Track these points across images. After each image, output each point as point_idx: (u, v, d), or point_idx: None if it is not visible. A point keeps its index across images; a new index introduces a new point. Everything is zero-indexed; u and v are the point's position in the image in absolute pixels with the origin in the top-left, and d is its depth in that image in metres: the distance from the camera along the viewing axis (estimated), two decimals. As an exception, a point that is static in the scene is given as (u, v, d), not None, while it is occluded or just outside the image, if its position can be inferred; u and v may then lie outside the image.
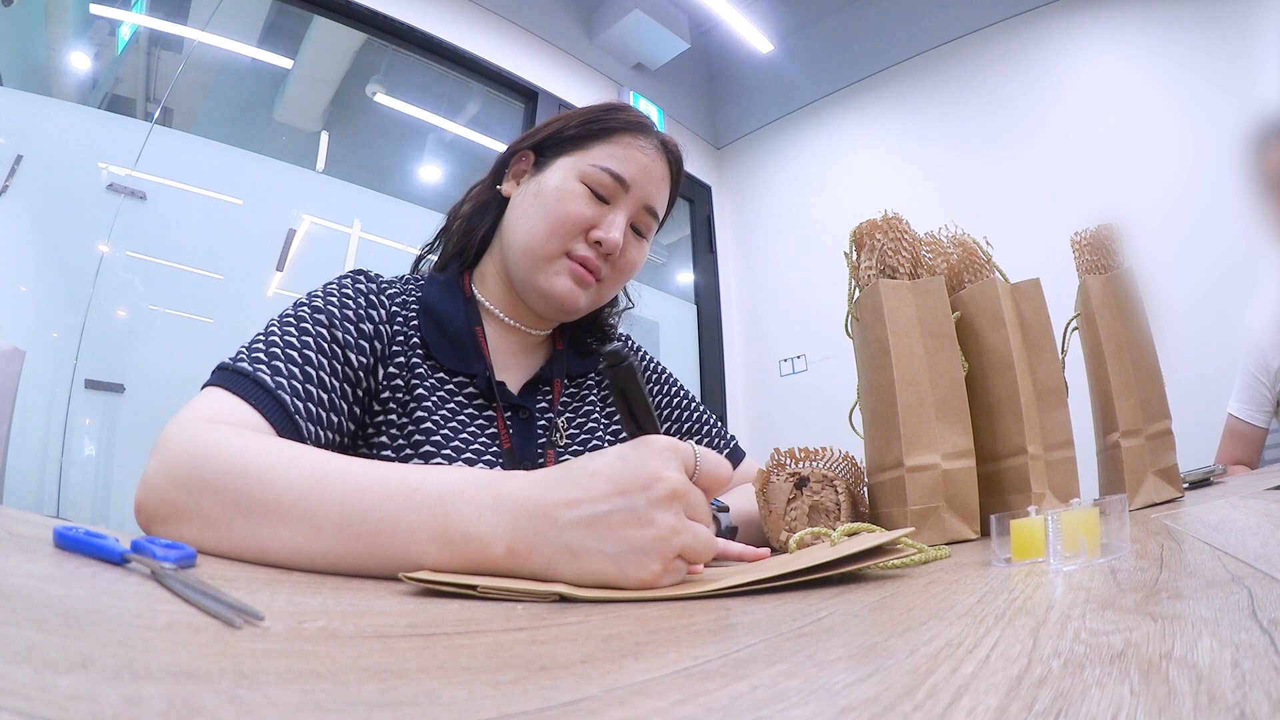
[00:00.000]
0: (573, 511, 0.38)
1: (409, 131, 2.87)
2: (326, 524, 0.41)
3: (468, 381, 0.72)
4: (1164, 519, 0.65)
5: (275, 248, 2.17)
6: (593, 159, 0.74)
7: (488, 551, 0.38)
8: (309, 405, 0.59)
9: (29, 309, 1.77)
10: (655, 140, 0.78)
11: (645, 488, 0.38)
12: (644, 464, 0.39)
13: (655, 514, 0.38)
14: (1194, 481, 1.04)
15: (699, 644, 0.25)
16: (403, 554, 0.40)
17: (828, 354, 3.28)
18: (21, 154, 1.76)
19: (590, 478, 0.39)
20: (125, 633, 0.22)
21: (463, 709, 0.17)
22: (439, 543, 0.39)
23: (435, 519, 0.39)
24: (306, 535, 0.41)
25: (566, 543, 0.38)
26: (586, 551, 0.38)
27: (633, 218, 0.76)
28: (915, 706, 0.17)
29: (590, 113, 0.77)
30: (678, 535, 0.39)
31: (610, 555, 0.38)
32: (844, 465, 0.75)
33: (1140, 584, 0.33)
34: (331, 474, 0.43)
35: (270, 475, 0.43)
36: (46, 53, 2.06)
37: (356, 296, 0.69)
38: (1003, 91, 2.97)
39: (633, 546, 0.38)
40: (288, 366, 0.59)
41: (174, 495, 0.44)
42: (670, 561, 0.39)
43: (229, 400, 0.55)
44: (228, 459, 0.45)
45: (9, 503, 1.37)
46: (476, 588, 0.36)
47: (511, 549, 0.38)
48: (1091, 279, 0.89)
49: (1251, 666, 0.19)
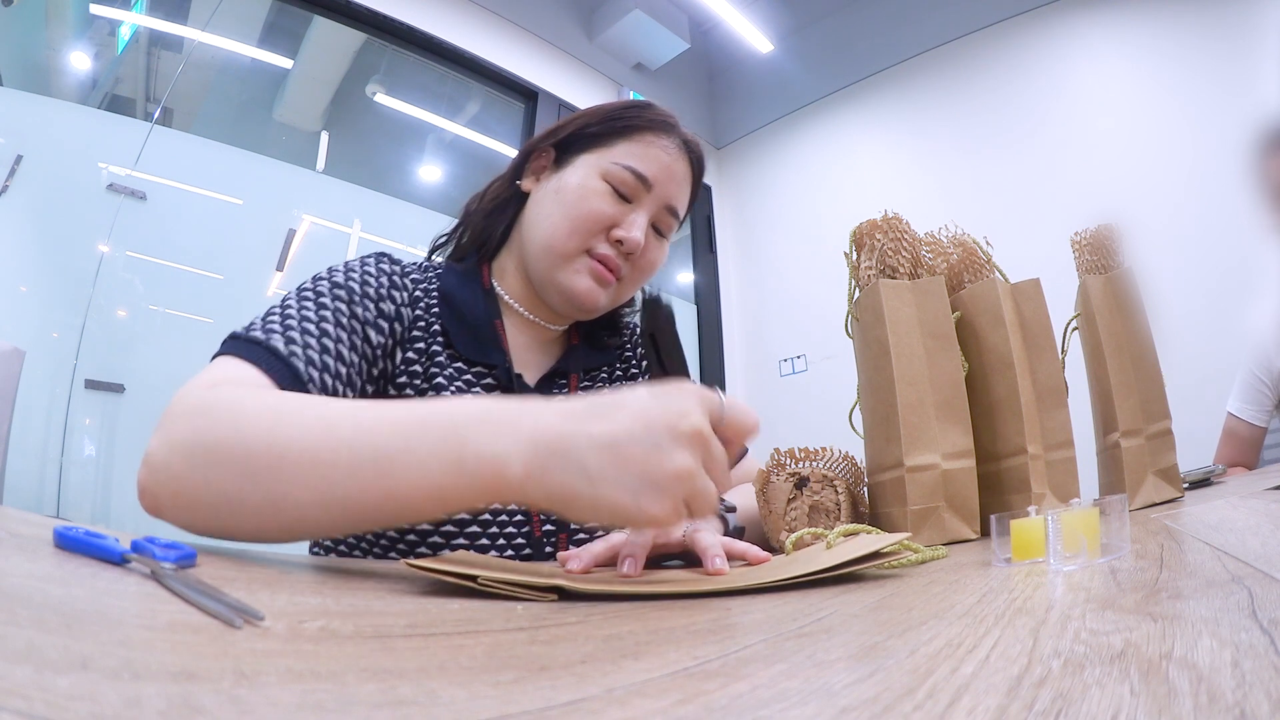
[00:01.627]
0: (595, 439, 0.37)
1: (409, 131, 2.87)
2: (336, 471, 0.39)
3: (486, 372, 0.72)
4: (1164, 519, 0.65)
5: (275, 248, 2.17)
6: (615, 157, 0.73)
7: (504, 473, 0.38)
8: (324, 376, 0.57)
9: (29, 309, 1.77)
10: (678, 139, 0.77)
11: (670, 425, 0.38)
12: (671, 403, 0.39)
13: (675, 451, 0.38)
14: (1194, 481, 1.04)
15: (699, 644, 0.25)
16: (416, 487, 0.39)
17: (828, 354, 3.28)
18: (21, 154, 1.76)
19: (616, 408, 0.39)
20: (125, 633, 0.22)
21: (463, 709, 0.17)
22: (454, 471, 0.38)
23: (449, 447, 0.39)
24: (320, 486, 0.40)
25: (585, 468, 0.37)
26: (604, 479, 0.37)
27: (654, 217, 0.75)
28: (915, 706, 0.17)
29: (614, 109, 0.77)
30: (693, 479, 0.38)
31: (627, 486, 0.37)
32: (844, 465, 0.75)
33: (1140, 584, 0.33)
34: (337, 419, 0.41)
35: (275, 431, 0.41)
36: (46, 53, 2.06)
37: (379, 276, 0.68)
38: (1003, 91, 2.97)
39: (649, 480, 0.37)
40: (304, 336, 0.57)
41: (178, 468, 0.42)
42: (679, 504, 0.38)
43: (237, 365, 0.53)
44: (230, 420, 0.43)
45: (9, 503, 1.37)
46: (477, 579, 0.36)
47: (528, 470, 0.37)
48: (1091, 279, 0.89)
49: (1251, 666, 0.19)
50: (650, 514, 0.37)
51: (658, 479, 0.37)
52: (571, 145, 0.76)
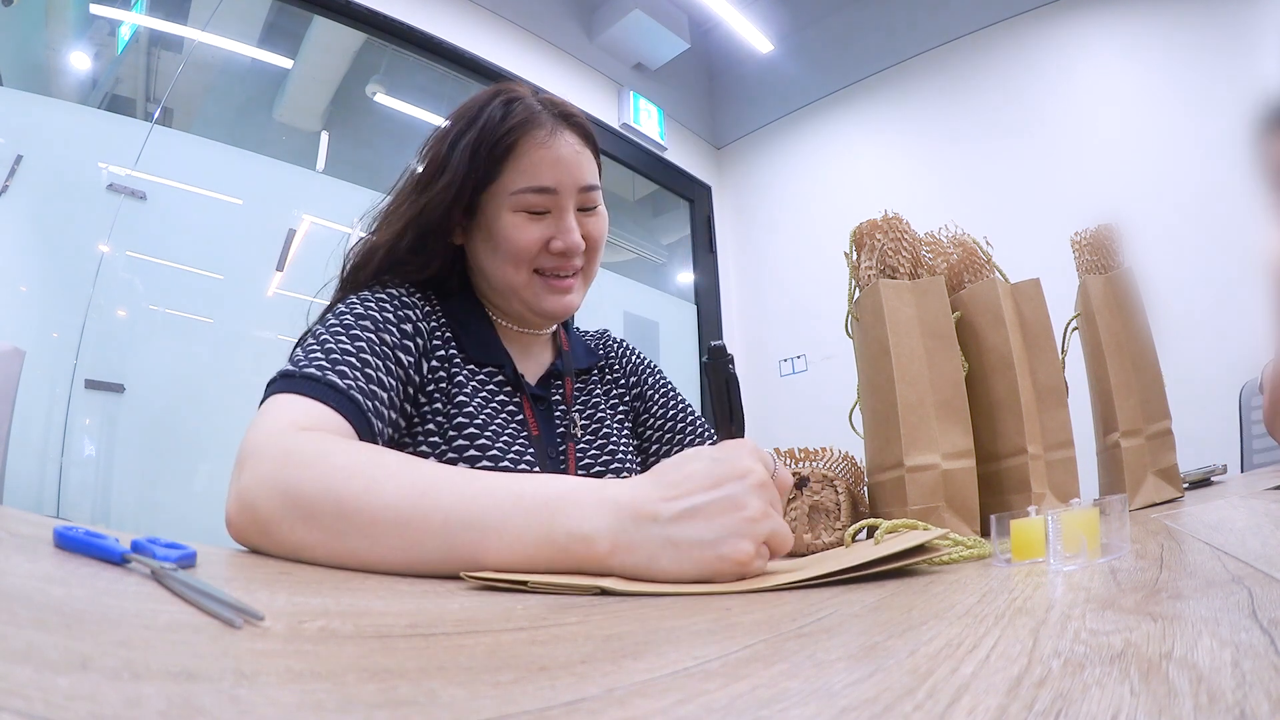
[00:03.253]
0: (673, 505, 0.41)
1: (409, 131, 2.87)
2: (429, 537, 0.43)
3: (496, 371, 0.75)
4: (1164, 519, 0.65)
5: (275, 248, 2.17)
6: (510, 186, 0.71)
7: (593, 549, 0.41)
8: (377, 405, 0.60)
9: (29, 309, 1.77)
10: (546, 124, 0.72)
11: (740, 478, 0.42)
12: (737, 460, 0.43)
13: (749, 499, 0.42)
14: (1194, 481, 1.04)
15: (699, 644, 0.25)
16: (508, 554, 0.42)
17: (828, 354, 3.28)
18: (21, 154, 1.76)
19: (687, 478, 0.43)
20: (125, 633, 0.22)
21: (463, 709, 0.17)
22: (545, 543, 0.42)
23: (542, 522, 0.42)
24: (409, 548, 0.43)
25: (668, 535, 0.41)
26: (687, 541, 0.41)
27: (576, 206, 0.74)
28: (915, 706, 0.17)
29: (479, 142, 0.71)
30: (768, 519, 0.42)
31: (709, 541, 0.40)
32: (844, 465, 0.75)
33: (1140, 584, 0.33)
34: (433, 486, 0.44)
35: (371, 492, 0.44)
36: (46, 53, 2.06)
37: (391, 300, 0.70)
38: (1003, 91, 2.97)
39: (730, 530, 0.41)
40: (351, 370, 0.60)
41: (270, 511, 0.45)
42: (760, 544, 0.42)
43: (306, 405, 0.55)
44: (323, 474, 0.45)
45: (9, 503, 1.37)
46: (527, 583, 0.38)
47: (615, 545, 0.41)
48: (1091, 279, 0.89)
49: (1251, 666, 0.19)
50: (734, 561, 0.40)
51: (737, 527, 0.41)
52: (467, 193, 0.72)
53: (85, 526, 0.34)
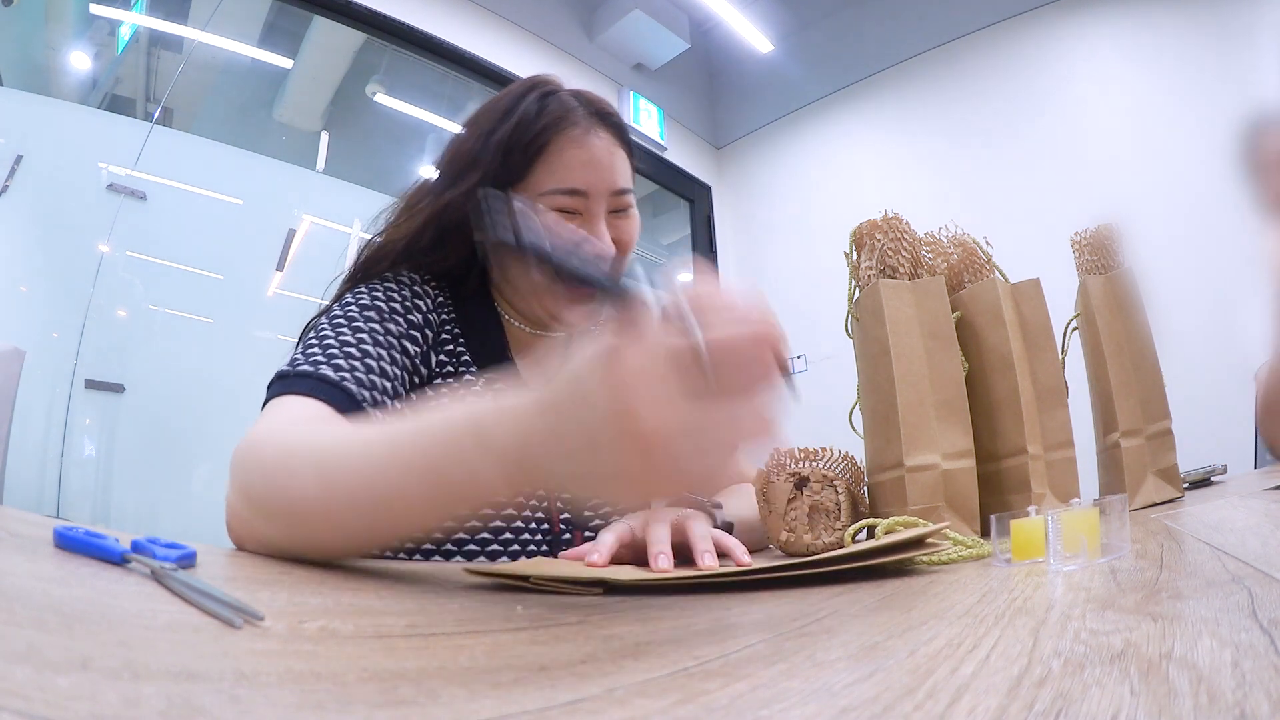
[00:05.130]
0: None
1: (409, 131, 2.87)
2: (383, 508, 0.41)
3: (497, 379, 0.74)
4: (1164, 519, 0.65)
5: (275, 248, 2.17)
6: (540, 186, 0.68)
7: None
8: (374, 394, 0.59)
9: (29, 309, 1.77)
10: (581, 121, 0.70)
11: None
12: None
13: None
14: (1194, 481, 1.04)
15: (699, 644, 0.25)
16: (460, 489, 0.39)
17: (828, 354, 3.28)
18: (21, 154, 1.76)
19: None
20: (125, 633, 0.22)
21: (463, 709, 0.17)
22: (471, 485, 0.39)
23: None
24: (363, 532, 0.42)
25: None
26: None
27: (609, 208, 0.72)
28: (915, 706, 0.17)
29: (508, 140, 0.69)
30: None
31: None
32: (844, 465, 0.75)
33: (1140, 584, 0.33)
34: (370, 450, 0.42)
35: (320, 478, 0.43)
36: (46, 53, 2.06)
37: (400, 289, 0.69)
38: (1003, 91, 2.96)
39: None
40: (348, 361, 0.59)
41: (247, 515, 0.46)
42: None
43: (303, 403, 0.54)
44: (277, 476, 0.45)
45: (9, 503, 1.37)
46: (530, 579, 0.38)
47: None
48: (1091, 279, 0.89)
49: (1251, 666, 0.19)
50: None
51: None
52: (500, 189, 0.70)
53: (85, 526, 0.34)
